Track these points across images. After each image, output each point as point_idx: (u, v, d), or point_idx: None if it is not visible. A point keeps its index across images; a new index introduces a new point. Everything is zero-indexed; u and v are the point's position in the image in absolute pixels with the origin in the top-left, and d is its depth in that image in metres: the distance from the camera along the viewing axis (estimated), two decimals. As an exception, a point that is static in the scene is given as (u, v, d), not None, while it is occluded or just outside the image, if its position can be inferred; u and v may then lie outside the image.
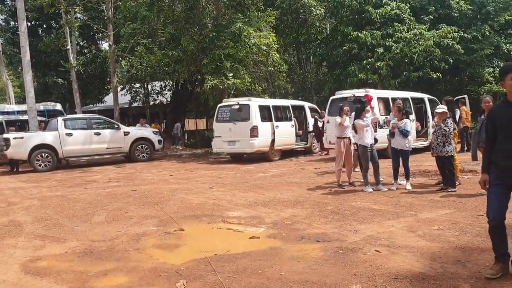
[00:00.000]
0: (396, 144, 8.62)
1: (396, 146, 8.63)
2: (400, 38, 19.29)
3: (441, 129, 8.00)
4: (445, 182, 8.24)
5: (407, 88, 18.09)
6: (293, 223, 6.35)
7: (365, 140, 8.54)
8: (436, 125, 8.22)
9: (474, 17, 21.91)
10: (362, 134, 8.57)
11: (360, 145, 8.65)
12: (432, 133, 8.38)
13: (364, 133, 8.52)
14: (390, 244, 5.16)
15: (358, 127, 8.59)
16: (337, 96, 14.62)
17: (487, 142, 4.11)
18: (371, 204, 7.44)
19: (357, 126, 8.60)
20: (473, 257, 4.56)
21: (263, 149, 15.03)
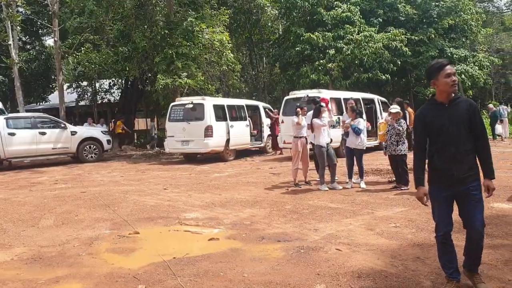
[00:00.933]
0: (350, 143, 8.77)
1: (350, 145, 8.77)
2: (351, 40, 19.71)
3: (394, 128, 8.19)
4: (398, 181, 8.44)
5: (357, 89, 18.52)
6: (252, 223, 6.26)
7: (320, 139, 8.60)
8: (389, 125, 8.41)
9: (420, 21, 22.78)
10: (318, 134, 8.62)
11: (317, 144, 8.69)
12: (386, 133, 8.56)
13: (321, 132, 8.57)
14: (350, 242, 5.18)
15: (316, 127, 8.63)
16: (291, 96, 14.72)
17: (419, 152, 3.68)
18: (328, 202, 7.49)
19: (315, 126, 8.63)
20: (432, 254, 4.63)
21: (218, 149, 14.85)
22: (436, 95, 3.57)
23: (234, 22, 23.51)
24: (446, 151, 3.50)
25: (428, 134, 3.59)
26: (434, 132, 3.55)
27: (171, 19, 17.70)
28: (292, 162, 9.32)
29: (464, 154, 3.48)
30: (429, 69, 3.63)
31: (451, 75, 3.44)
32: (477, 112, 3.56)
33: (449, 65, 3.50)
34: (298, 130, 9.11)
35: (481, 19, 24.67)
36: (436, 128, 3.53)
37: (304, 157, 9.26)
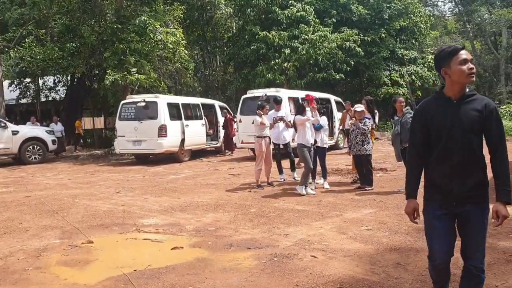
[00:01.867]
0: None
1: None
2: (305, 40, 19.66)
3: (359, 128, 8.05)
4: (362, 181, 8.31)
5: (312, 88, 18.45)
6: (217, 229, 5.86)
7: (305, 138, 8.01)
8: (353, 124, 8.26)
9: (372, 22, 23.14)
10: (302, 132, 8.05)
11: (298, 144, 8.11)
12: (350, 132, 8.41)
13: (305, 130, 8.01)
14: (325, 248, 4.90)
15: (299, 123, 8.07)
16: (249, 95, 14.40)
17: (415, 158, 2.93)
18: (294, 204, 7.21)
19: (297, 123, 8.08)
20: (411, 259, 4.44)
21: (172, 149, 14.27)
22: (446, 87, 2.79)
23: (187, 19, 22.88)
24: (447, 161, 2.76)
25: (427, 136, 2.83)
26: (433, 135, 2.80)
27: (121, 14, 16.89)
28: (256, 162, 8.97)
29: (469, 166, 2.75)
30: (439, 54, 2.82)
31: (467, 62, 2.69)
32: (495, 115, 2.74)
33: (464, 49, 2.76)
34: (261, 130, 8.78)
35: (429, 22, 25.48)
36: (436, 129, 2.78)
37: (267, 157, 8.95)
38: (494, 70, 33.08)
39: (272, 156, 9.26)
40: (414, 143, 2.94)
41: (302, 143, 8.04)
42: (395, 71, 22.63)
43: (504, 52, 31.26)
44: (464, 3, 35.58)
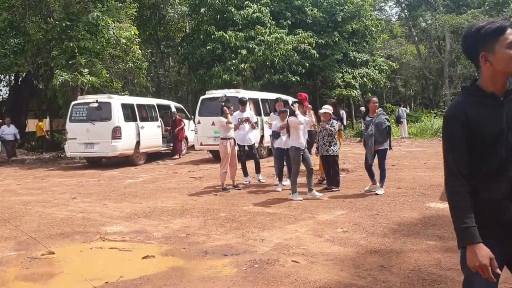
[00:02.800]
0: (283, 144, 8.34)
1: (283, 146, 8.34)
2: (262, 41, 19.59)
3: (326, 129, 7.99)
4: (329, 182, 8.27)
5: (269, 90, 18.41)
6: (188, 236, 5.58)
7: (299, 140, 7.59)
8: (320, 126, 8.20)
9: (326, 25, 23.44)
10: (296, 134, 7.59)
11: (292, 146, 7.62)
12: (318, 134, 8.34)
13: (299, 132, 7.62)
14: (304, 252, 4.76)
15: (292, 125, 7.64)
16: (208, 96, 14.11)
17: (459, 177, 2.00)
18: (264, 207, 7.05)
19: (291, 124, 7.63)
20: (394, 261, 4.38)
21: (127, 152, 13.71)
22: (483, 80, 2.05)
23: (138, 17, 22.19)
24: (504, 178, 2.00)
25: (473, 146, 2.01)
26: (483, 144, 2.00)
27: (70, 10, 16.06)
28: (221, 165, 8.71)
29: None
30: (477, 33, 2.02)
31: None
32: None
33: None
34: (226, 131, 8.53)
35: (380, 25, 26.20)
36: (489, 137, 1.99)
37: (232, 159, 8.72)
38: (439, 73, 34.52)
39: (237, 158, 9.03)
40: (458, 164, 2.01)
41: (297, 146, 7.57)
42: (348, 73, 23.05)
43: (448, 56, 32.66)
44: (409, 8, 36.93)
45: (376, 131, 7.30)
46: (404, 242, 4.98)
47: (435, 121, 21.64)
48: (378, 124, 7.33)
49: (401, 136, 20.70)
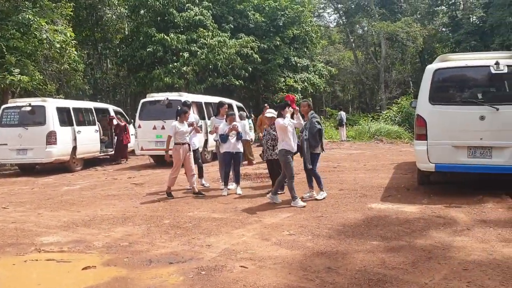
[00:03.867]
0: (231, 148, 8.27)
1: (231, 150, 8.28)
2: (204, 44, 19.44)
3: (270, 133, 7.97)
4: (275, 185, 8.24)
5: (212, 93, 18.28)
6: (131, 244, 5.35)
7: (290, 143, 7.26)
8: (265, 129, 8.18)
9: (268, 29, 23.70)
10: (285, 137, 7.22)
11: (282, 149, 7.25)
12: (262, 137, 8.33)
13: (289, 135, 7.26)
14: (252, 256, 4.71)
15: (279, 127, 7.25)
16: (149, 99, 13.76)
17: None
18: (210, 212, 6.93)
19: (277, 126, 7.28)
20: (340, 262, 4.44)
21: (63, 158, 13.05)
22: None
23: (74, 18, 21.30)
24: None
25: None
26: None
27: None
28: (172, 170, 8.26)
29: None
30: None
31: None
32: None
33: None
34: (181, 136, 8.17)
35: (320, 31, 26.88)
36: None
37: (187, 164, 8.37)
38: (375, 78, 35.97)
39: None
40: None
41: (286, 149, 7.21)
42: (289, 77, 23.42)
43: (383, 61, 34.15)
44: (347, 15, 38.25)
45: (309, 135, 7.34)
46: (349, 243, 5.07)
47: (372, 124, 22.45)
48: (310, 128, 7.39)
49: (341, 139, 21.30)
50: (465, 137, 7.02)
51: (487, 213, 6.19)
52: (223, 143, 8.35)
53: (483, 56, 7.74)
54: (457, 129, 7.05)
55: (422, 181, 8.21)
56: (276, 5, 23.63)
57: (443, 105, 7.22)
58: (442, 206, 6.71)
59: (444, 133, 7.12)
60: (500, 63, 6.86)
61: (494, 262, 4.27)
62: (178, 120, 8.27)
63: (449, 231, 5.42)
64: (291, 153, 7.29)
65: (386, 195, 7.73)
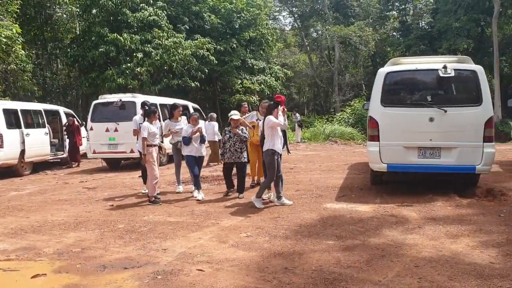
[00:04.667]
0: (194, 152, 8.07)
1: (194, 153, 8.08)
2: (159, 45, 19.14)
3: (239, 135, 7.76)
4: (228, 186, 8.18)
5: (167, 95, 18.00)
6: (83, 250, 5.18)
7: (277, 144, 7.05)
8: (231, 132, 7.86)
9: (224, 31, 23.66)
10: (273, 137, 7.03)
11: (269, 149, 7.02)
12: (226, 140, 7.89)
13: (276, 135, 7.09)
14: (209, 259, 4.67)
15: (271, 125, 7.01)
16: (101, 100, 13.39)
17: None
18: (166, 216, 6.81)
19: (270, 125, 7.01)
20: (297, 263, 4.48)
21: (11, 162, 12.46)
22: None
23: (22, 16, 20.44)
24: None
25: None
26: None
27: None
28: (149, 175, 7.85)
29: None
30: None
31: None
32: None
33: None
34: (152, 138, 7.79)
35: (275, 34, 27.10)
36: None
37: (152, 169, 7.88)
38: (329, 81, 36.69)
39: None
40: None
41: (273, 149, 7.01)
42: (246, 79, 23.47)
43: (337, 65, 34.89)
44: (302, 18, 38.80)
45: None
46: (305, 243, 5.12)
47: (327, 126, 22.88)
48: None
49: (296, 140, 21.57)
50: (416, 138, 7.27)
51: (436, 211, 6.44)
52: (185, 145, 8.11)
53: (432, 60, 8.07)
54: (407, 130, 7.30)
55: (375, 181, 8.44)
56: (232, 8, 23.64)
57: (394, 107, 7.45)
58: (394, 205, 6.92)
59: (396, 134, 7.35)
60: (448, 66, 7.17)
61: (443, 258, 4.45)
62: (148, 121, 7.87)
63: (401, 229, 5.59)
64: (278, 154, 7.10)
65: (341, 195, 7.89)
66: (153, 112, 7.97)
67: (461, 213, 6.31)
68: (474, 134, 7.05)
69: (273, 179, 7.14)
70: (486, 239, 5.03)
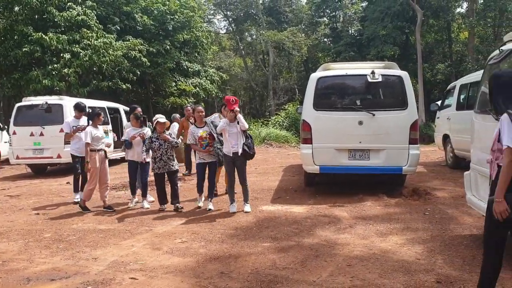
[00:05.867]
0: (137, 157, 7.51)
1: (136, 159, 7.52)
2: (88, 46, 18.35)
3: (169, 141, 7.16)
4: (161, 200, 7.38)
5: (97, 97, 17.29)
6: (5, 262, 4.83)
7: (226, 148, 6.83)
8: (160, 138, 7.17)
9: (157, 33, 23.19)
10: (225, 141, 6.89)
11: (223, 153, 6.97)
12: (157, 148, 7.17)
13: (225, 138, 6.86)
14: (143, 267, 4.54)
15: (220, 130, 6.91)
16: (25, 103, 12.60)
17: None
18: (96, 224, 6.53)
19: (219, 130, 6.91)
20: (233, 266, 4.46)
21: None
22: None
23: None
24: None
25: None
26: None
27: None
28: (89, 181, 7.38)
29: None
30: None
31: None
32: None
33: None
34: (96, 142, 7.29)
35: (210, 37, 26.96)
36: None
37: (103, 175, 7.43)
38: (264, 85, 37.13)
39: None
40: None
41: (225, 153, 6.89)
42: (181, 82, 23.13)
43: (271, 69, 35.38)
44: (236, 22, 39.00)
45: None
46: (241, 246, 5.12)
47: (262, 129, 23.10)
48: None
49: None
50: (346, 141, 7.54)
51: (366, 211, 6.70)
52: (127, 149, 7.59)
53: (361, 66, 8.41)
54: (338, 133, 7.55)
55: (308, 182, 8.64)
56: (165, 9, 23.22)
57: (326, 111, 7.68)
58: (327, 205, 7.11)
59: (327, 137, 7.57)
60: (376, 72, 7.50)
61: (373, 256, 4.63)
62: (92, 125, 7.38)
63: (334, 229, 5.75)
64: (228, 157, 6.86)
65: (276, 197, 7.99)
66: (97, 115, 7.47)
67: (390, 212, 6.62)
68: (400, 136, 7.42)
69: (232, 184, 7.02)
70: (413, 237, 5.30)
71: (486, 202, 4.38)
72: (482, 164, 4.58)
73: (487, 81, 3.71)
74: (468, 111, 8.10)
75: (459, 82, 11.19)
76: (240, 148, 6.79)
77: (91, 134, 7.20)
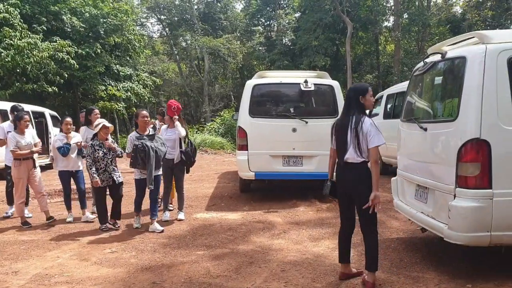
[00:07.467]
0: (71, 166, 6.82)
1: (70, 168, 6.82)
2: (11, 45, 17.23)
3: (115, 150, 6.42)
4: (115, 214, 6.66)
5: (20, 100, 16.23)
6: None
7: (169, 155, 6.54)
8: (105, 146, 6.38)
9: (87, 35, 22.24)
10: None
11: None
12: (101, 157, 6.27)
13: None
14: (69, 279, 4.30)
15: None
16: None
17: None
18: (18, 235, 6.11)
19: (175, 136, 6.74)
20: (166, 276, 4.35)
21: None
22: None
23: None
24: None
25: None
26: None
27: None
28: (15, 194, 6.71)
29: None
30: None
31: None
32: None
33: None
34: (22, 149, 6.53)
35: (143, 41, 26.27)
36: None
37: (34, 186, 6.79)
38: (200, 91, 36.85)
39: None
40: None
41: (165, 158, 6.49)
42: (111, 86, 22.32)
43: (207, 75, 35.24)
44: (171, 27, 38.46)
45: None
46: (174, 255, 5.00)
47: (197, 135, 22.89)
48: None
49: (166, 150, 21.11)
50: (280, 147, 7.64)
51: (299, 216, 6.82)
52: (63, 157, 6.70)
53: (295, 75, 8.58)
54: (273, 140, 7.64)
55: (243, 188, 8.66)
56: (97, 13, 22.38)
57: (261, 118, 7.75)
58: (261, 211, 7.16)
59: (263, 143, 7.64)
60: (308, 81, 7.69)
61: (306, 261, 4.70)
62: (17, 130, 6.60)
63: (268, 235, 5.79)
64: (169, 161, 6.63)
65: (211, 204, 7.92)
66: (20, 119, 6.57)
67: (321, 217, 6.78)
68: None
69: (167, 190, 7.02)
70: (343, 240, 5.44)
71: (412, 206, 4.65)
72: (408, 170, 4.83)
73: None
74: (395, 119, 8.52)
75: (386, 92, 11.75)
76: (176, 155, 6.70)
77: (16, 140, 6.52)
